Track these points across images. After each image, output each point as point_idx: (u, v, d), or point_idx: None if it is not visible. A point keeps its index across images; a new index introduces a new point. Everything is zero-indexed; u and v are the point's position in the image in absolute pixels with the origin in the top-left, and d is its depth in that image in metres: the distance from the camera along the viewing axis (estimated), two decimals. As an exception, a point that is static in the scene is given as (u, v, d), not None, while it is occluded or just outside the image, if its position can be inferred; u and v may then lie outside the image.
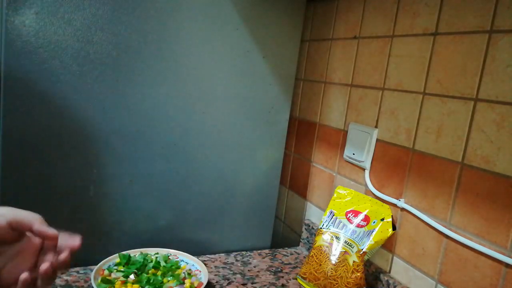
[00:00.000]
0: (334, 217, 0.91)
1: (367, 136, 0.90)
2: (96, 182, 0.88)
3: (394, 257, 0.85)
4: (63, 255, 0.50)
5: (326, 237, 0.89)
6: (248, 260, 1.01)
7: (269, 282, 0.91)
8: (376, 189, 0.89)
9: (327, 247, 0.87)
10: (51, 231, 0.49)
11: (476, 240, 0.68)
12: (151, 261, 0.85)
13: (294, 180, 1.22)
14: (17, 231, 0.49)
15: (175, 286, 0.79)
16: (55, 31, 0.79)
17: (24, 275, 0.48)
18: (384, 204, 0.86)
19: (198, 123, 0.96)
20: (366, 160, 0.91)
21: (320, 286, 0.86)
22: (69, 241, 0.51)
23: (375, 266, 0.88)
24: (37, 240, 0.51)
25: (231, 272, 0.94)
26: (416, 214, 0.79)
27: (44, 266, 0.48)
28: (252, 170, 1.05)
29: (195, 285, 0.80)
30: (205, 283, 0.80)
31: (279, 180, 1.10)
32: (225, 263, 0.98)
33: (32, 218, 0.49)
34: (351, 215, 0.89)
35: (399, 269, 0.84)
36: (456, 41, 0.72)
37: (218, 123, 0.98)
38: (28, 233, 0.50)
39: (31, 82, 0.79)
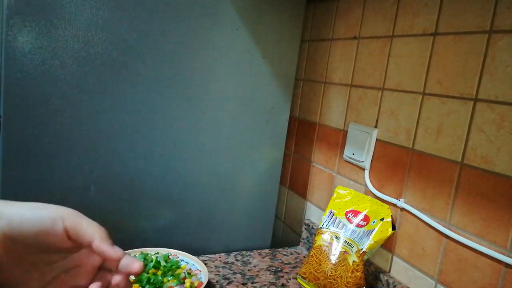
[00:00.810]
0: (334, 217, 0.91)
1: (367, 136, 0.91)
2: (96, 182, 0.88)
3: (394, 257, 0.85)
4: (117, 279, 0.40)
5: (326, 236, 0.89)
6: (248, 259, 1.01)
7: (269, 282, 0.91)
8: (376, 189, 0.89)
9: (327, 246, 0.87)
10: (113, 251, 0.40)
11: (476, 240, 0.68)
12: (151, 261, 0.85)
13: (294, 180, 1.22)
14: (75, 242, 0.41)
15: (175, 286, 0.79)
16: (56, 31, 0.79)
17: None
18: (384, 204, 0.86)
19: (198, 123, 0.96)
20: (366, 160, 0.91)
21: (320, 285, 0.86)
22: (128, 263, 0.41)
23: (375, 266, 0.88)
24: (96, 258, 0.42)
25: (231, 271, 0.94)
26: (416, 214, 0.79)
27: (94, 287, 0.40)
28: (252, 170, 1.05)
29: (195, 284, 0.80)
30: (205, 282, 0.80)
31: (279, 180, 1.10)
32: (225, 263, 0.98)
33: (93, 232, 0.40)
34: (351, 215, 0.89)
35: (399, 269, 0.84)
36: (456, 41, 0.72)
37: (218, 123, 0.98)
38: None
39: (31, 82, 0.79)
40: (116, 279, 0.41)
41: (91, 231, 0.40)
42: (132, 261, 0.41)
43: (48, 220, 0.39)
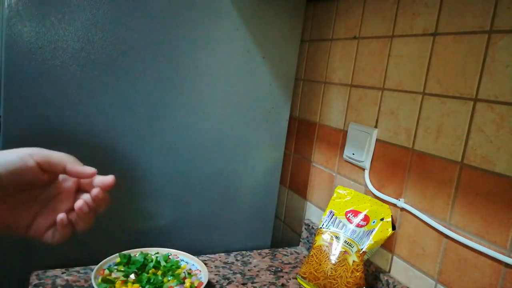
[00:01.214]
0: (334, 217, 0.91)
1: (366, 136, 0.91)
2: (96, 182, 0.88)
3: (394, 257, 0.85)
4: (95, 191, 0.47)
5: (326, 236, 0.89)
6: (248, 259, 1.01)
7: (269, 282, 0.91)
8: (376, 189, 0.89)
9: (327, 246, 0.87)
10: (87, 168, 0.47)
11: (476, 240, 0.68)
12: (151, 261, 0.85)
13: (294, 180, 1.22)
14: (48, 173, 0.46)
15: (175, 286, 0.79)
16: (56, 31, 0.79)
17: (61, 215, 0.46)
18: (384, 204, 0.86)
19: (198, 123, 0.96)
20: (365, 160, 0.91)
21: (320, 285, 0.86)
22: (102, 179, 0.48)
23: (374, 265, 0.89)
24: (70, 182, 0.48)
25: (231, 271, 0.94)
26: (416, 214, 0.79)
27: (79, 203, 0.46)
28: (252, 170, 1.05)
29: (195, 284, 0.80)
30: (205, 282, 0.80)
31: (279, 180, 1.11)
32: (225, 263, 0.98)
33: (63, 158, 0.46)
34: (351, 215, 0.89)
35: (398, 269, 0.84)
36: (456, 41, 0.72)
37: (218, 123, 0.98)
38: (61, 176, 0.47)
39: (32, 82, 0.79)
40: (95, 191, 0.47)
41: (61, 158, 0.46)
42: (104, 176, 0.48)
43: (18, 160, 0.43)
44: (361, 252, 0.83)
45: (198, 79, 0.93)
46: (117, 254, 0.86)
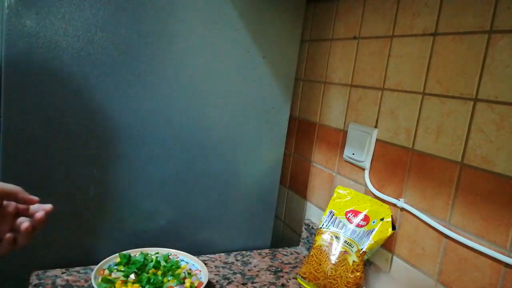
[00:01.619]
0: (334, 217, 0.91)
1: (366, 136, 0.91)
2: (96, 182, 0.88)
3: (394, 257, 0.85)
4: (40, 214, 0.57)
5: (326, 236, 0.89)
6: (248, 259, 1.01)
7: (269, 282, 0.91)
8: (376, 189, 0.89)
9: (327, 246, 0.87)
10: (33, 197, 0.58)
11: (476, 240, 0.68)
12: (151, 261, 0.85)
13: (294, 180, 1.22)
14: (2, 199, 0.56)
15: (175, 286, 0.79)
16: (56, 31, 0.79)
17: (9, 235, 0.56)
18: (384, 204, 0.86)
19: (198, 124, 0.96)
20: (365, 160, 0.91)
21: (320, 285, 0.86)
22: (41, 205, 0.58)
23: (374, 265, 0.88)
24: (12, 208, 0.58)
25: (231, 271, 0.94)
26: (416, 214, 0.79)
27: (25, 224, 0.55)
28: (252, 170, 1.05)
29: (195, 284, 0.80)
30: (205, 282, 0.80)
31: (279, 180, 1.11)
32: (225, 263, 0.98)
33: (15, 188, 0.57)
34: (351, 215, 0.89)
35: (399, 269, 0.84)
36: (456, 41, 0.72)
37: (218, 123, 0.98)
38: (4, 202, 0.57)
39: (32, 83, 0.79)
40: (40, 214, 0.57)
41: (13, 189, 0.56)
42: (45, 204, 0.58)
43: None
44: (361, 252, 0.83)
45: (198, 79, 0.93)
46: (117, 254, 0.86)
